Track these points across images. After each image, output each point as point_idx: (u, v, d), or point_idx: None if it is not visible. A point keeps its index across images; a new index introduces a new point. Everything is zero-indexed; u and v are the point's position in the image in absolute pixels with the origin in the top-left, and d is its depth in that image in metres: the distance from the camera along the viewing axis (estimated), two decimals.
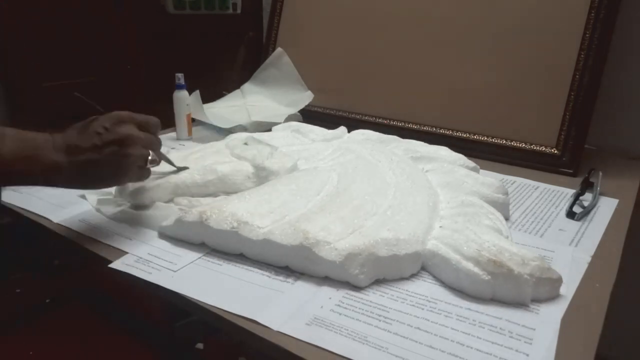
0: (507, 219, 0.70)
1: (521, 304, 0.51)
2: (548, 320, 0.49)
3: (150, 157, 0.63)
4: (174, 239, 0.63)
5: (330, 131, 0.96)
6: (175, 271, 0.56)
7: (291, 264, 0.56)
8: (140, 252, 0.60)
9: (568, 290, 0.54)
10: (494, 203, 0.67)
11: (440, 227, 0.60)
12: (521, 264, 0.51)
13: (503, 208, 0.69)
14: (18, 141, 0.53)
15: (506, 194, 0.71)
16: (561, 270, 0.57)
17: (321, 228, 0.56)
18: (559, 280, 0.52)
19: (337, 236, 0.55)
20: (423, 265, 0.57)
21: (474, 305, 0.51)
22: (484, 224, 0.59)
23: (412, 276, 0.56)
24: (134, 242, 0.63)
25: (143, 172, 0.63)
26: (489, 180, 0.71)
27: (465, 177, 0.72)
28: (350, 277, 0.53)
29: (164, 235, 0.64)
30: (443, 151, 0.82)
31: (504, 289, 0.51)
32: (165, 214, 0.66)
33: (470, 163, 0.81)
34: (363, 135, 0.93)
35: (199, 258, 0.59)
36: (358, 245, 0.53)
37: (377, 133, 0.93)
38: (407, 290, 0.53)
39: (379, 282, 0.55)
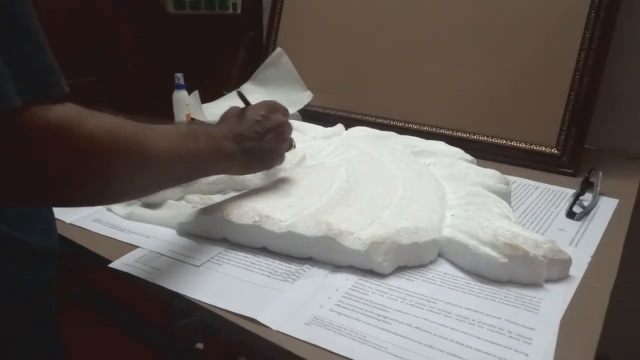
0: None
1: (536, 284, 0.54)
2: (547, 320, 0.49)
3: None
4: (194, 236, 0.63)
5: (329, 128, 0.96)
6: (174, 272, 0.56)
7: (315, 254, 0.58)
8: (144, 250, 0.60)
9: (568, 290, 0.54)
10: (498, 193, 0.68)
11: (452, 215, 0.63)
12: (535, 247, 0.54)
13: (506, 197, 0.70)
14: (205, 136, 0.54)
15: (508, 183, 0.72)
16: None
17: (342, 219, 0.58)
18: (569, 261, 0.55)
19: (358, 226, 0.57)
20: (440, 252, 0.60)
21: (473, 305, 0.51)
22: (494, 212, 0.61)
23: (411, 275, 0.56)
24: (145, 240, 0.63)
25: (283, 157, 0.67)
26: (490, 171, 0.73)
27: (467, 169, 0.75)
28: (374, 264, 0.55)
29: (184, 232, 0.64)
30: (441, 145, 0.84)
31: (520, 270, 0.54)
32: (178, 212, 0.66)
33: (468, 156, 0.82)
34: (361, 132, 0.93)
35: (209, 261, 0.59)
36: (380, 235, 0.56)
37: (374, 130, 0.93)
38: (406, 290, 0.53)
39: (377, 282, 0.55)
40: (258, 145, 0.60)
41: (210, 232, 0.63)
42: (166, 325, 1.37)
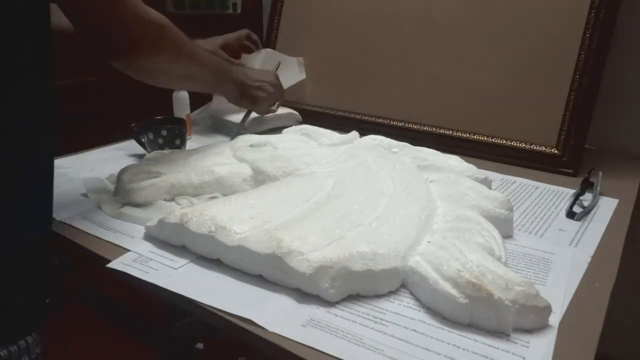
0: (510, 236, 0.66)
1: (501, 332, 0.47)
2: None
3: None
4: (159, 241, 0.62)
5: (342, 135, 0.91)
6: (172, 272, 0.56)
7: (264, 273, 0.54)
8: (140, 250, 0.60)
9: (568, 290, 0.53)
10: (495, 219, 0.62)
11: (428, 242, 0.56)
12: (504, 289, 0.46)
13: (505, 225, 0.65)
14: (218, 61, 0.85)
15: (510, 209, 0.66)
16: (560, 271, 0.57)
17: (297, 237, 0.54)
18: (546, 309, 0.47)
19: (312, 247, 0.52)
20: (403, 282, 0.54)
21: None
22: (475, 242, 0.55)
23: None
24: (135, 240, 0.63)
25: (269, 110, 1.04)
26: (494, 194, 0.67)
27: (468, 189, 0.68)
28: (320, 290, 0.50)
29: (148, 236, 0.63)
30: (453, 161, 0.77)
31: (482, 314, 0.47)
32: (166, 213, 0.65)
33: (481, 174, 0.74)
34: (374, 140, 0.88)
35: (197, 257, 0.59)
36: (331, 258, 0.51)
37: (388, 139, 0.87)
38: (404, 293, 0.53)
39: None
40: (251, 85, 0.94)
41: (170, 239, 0.61)
42: (166, 325, 1.36)
